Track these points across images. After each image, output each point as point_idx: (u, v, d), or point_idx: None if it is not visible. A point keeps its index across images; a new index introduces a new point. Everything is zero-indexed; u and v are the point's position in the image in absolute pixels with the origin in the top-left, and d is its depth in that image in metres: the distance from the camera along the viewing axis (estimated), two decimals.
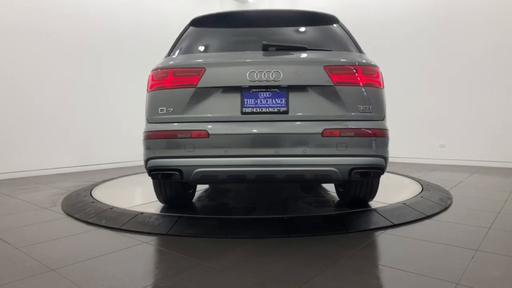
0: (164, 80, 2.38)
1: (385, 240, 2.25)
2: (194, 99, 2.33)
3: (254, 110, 2.28)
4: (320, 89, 2.29)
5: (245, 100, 2.29)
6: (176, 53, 2.61)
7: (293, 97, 2.29)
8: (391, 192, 3.68)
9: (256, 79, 2.27)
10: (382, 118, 2.36)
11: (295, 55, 2.39)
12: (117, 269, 1.83)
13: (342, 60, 2.37)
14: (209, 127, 2.28)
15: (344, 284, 1.65)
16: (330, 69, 2.28)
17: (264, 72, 2.27)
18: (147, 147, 2.39)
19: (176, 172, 2.31)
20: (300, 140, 2.24)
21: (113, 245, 2.22)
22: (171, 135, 2.30)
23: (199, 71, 2.33)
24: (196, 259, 1.96)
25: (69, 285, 1.65)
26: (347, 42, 2.61)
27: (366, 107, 2.30)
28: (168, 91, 2.37)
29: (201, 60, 2.42)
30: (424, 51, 6.71)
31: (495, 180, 4.70)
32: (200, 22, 2.78)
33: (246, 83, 2.28)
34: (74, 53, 5.78)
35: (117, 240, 2.32)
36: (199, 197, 3.46)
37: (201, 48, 2.63)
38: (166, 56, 2.65)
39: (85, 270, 1.82)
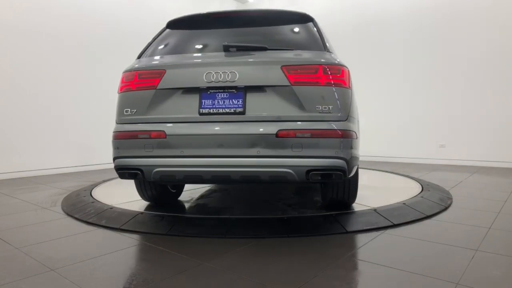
0: (130, 82, 2.45)
1: (385, 240, 2.25)
2: (155, 100, 2.37)
3: (211, 111, 2.29)
4: (277, 89, 2.25)
5: (203, 101, 2.31)
6: (146, 55, 2.65)
7: (251, 97, 2.28)
8: (391, 192, 3.68)
9: (213, 80, 2.27)
10: (344, 118, 2.24)
11: (252, 56, 2.36)
12: (117, 269, 1.84)
13: (300, 59, 2.31)
14: (166, 127, 2.32)
15: (344, 284, 1.64)
16: (288, 69, 2.24)
17: (221, 73, 2.27)
18: (114, 147, 2.45)
19: (138, 172, 2.36)
20: (254, 140, 2.20)
21: (113, 245, 2.22)
22: (133, 136, 2.36)
23: (160, 73, 2.37)
24: (196, 259, 1.96)
25: (69, 285, 1.65)
26: (316, 41, 2.51)
27: (325, 108, 2.22)
28: (133, 93, 2.43)
29: (162, 62, 2.46)
30: (424, 51, 6.71)
31: (495, 180, 4.70)
32: (175, 24, 2.79)
33: (203, 84, 2.29)
34: (74, 53, 5.78)
35: (117, 240, 2.32)
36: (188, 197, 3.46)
37: (169, 50, 2.63)
38: (136, 58, 2.68)
39: (85, 270, 1.82)
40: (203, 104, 2.30)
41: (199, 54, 2.54)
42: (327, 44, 2.51)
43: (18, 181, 4.84)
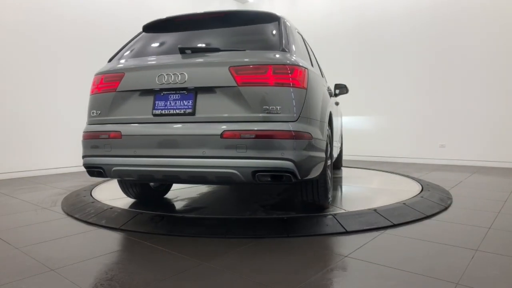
0: (97, 85, 2.58)
1: (385, 240, 2.25)
2: (115, 102, 2.48)
3: (163, 112, 2.34)
4: (225, 90, 2.25)
5: (156, 102, 2.37)
6: (116, 58, 2.72)
7: (201, 99, 2.30)
8: (391, 192, 3.68)
9: (164, 82, 2.32)
10: (294, 119, 2.18)
11: (203, 57, 2.38)
12: (117, 269, 1.83)
13: (249, 60, 2.28)
14: (122, 128, 2.41)
15: (344, 284, 1.65)
16: (236, 69, 2.23)
17: (172, 75, 2.32)
18: (83, 146, 2.58)
19: (100, 170, 2.47)
20: (200, 141, 2.22)
21: (113, 245, 2.23)
22: (96, 136, 2.48)
23: (120, 76, 2.48)
24: (196, 259, 1.96)
25: (69, 285, 1.65)
26: (274, 41, 2.46)
27: (273, 108, 2.17)
28: (98, 95, 2.56)
29: (122, 66, 2.55)
30: (424, 51, 6.71)
31: (495, 180, 4.70)
32: (149, 28, 2.86)
33: (156, 86, 2.35)
34: (74, 53, 5.78)
35: (117, 240, 2.32)
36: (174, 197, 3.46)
37: (135, 53, 2.69)
38: (108, 61, 2.76)
39: (85, 270, 1.82)
40: (156, 105, 2.36)
41: (156, 57, 2.58)
42: (287, 43, 2.43)
43: (18, 181, 4.84)
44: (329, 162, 2.97)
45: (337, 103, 4.24)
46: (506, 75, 5.94)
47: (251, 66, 2.24)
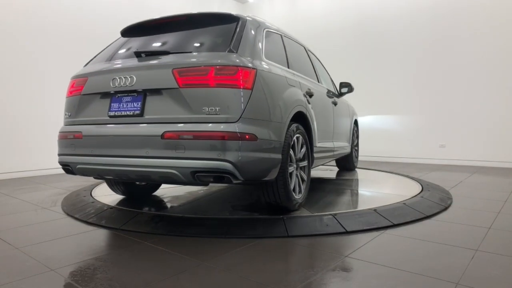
0: (69, 89, 2.78)
1: (385, 240, 2.25)
2: (80, 104, 2.66)
3: (117, 113, 2.46)
4: (169, 92, 2.30)
5: (112, 104, 2.49)
6: (90, 63, 2.89)
7: (150, 100, 2.37)
8: (391, 192, 3.68)
9: (116, 85, 2.44)
10: (235, 120, 2.19)
11: (150, 60, 2.45)
12: (117, 269, 1.84)
13: (192, 61, 2.32)
14: (83, 128, 2.58)
15: (344, 284, 1.65)
16: (179, 71, 2.28)
17: (123, 78, 2.43)
18: (57, 145, 2.77)
19: (69, 167, 2.66)
20: (144, 142, 2.30)
21: (113, 245, 2.23)
22: (65, 136, 2.68)
23: (84, 80, 2.65)
24: (196, 259, 1.96)
25: (69, 285, 1.65)
26: (227, 42, 2.46)
27: (212, 109, 2.19)
28: (69, 98, 2.76)
29: (87, 70, 2.72)
30: (424, 51, 6.72)
31: (495, 180, 4.70)
32: (124, 32, 3.01)
33: (111, 89, 2.48)
34: (74, 53, 5.78)
35: (117, 240, 2.32)
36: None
37: (103, 57, 2.83)
38: (84, 66, 2.93)
39: (85, 270, 1.82)
40: (112, 107, 2.49)
41: (113, 62, 2.69)
42: (237, 44, 2.43)
43: (18, 181, 4.85)
44: (305, 163, 2.96)
45: (335, 103, 4.09)
46: (506, 75, 5.94)
47: (192, 67, 2.28)
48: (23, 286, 1.65)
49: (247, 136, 2.20)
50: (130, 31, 2.96)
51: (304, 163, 2.97)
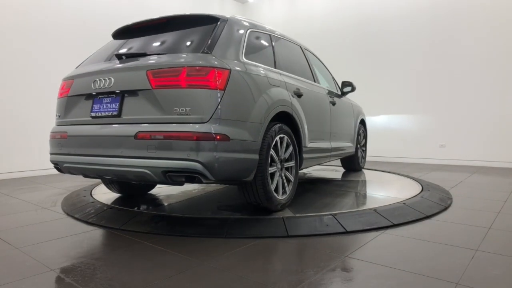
0: (59, 90, 2.89)
1: (385, 240, 2.25)
2: (68, 105, 2.76)
3: (97, 114, 2.55)
4: (144, 93, 2.35)
5: (94, 105, 2.58)
6: (79, 66, 2.97)
7: (127, 101, 2.43)
8: (391, 192, 3.69)
9: (97, 86, 2.53)
10: (205, 120, 2.20)
11: (127, 62, 2.51)
12: (117, 269, 1.84)
13: (164, 63, 2.34)
14: (68, 129, 2.69)
15: (344, 284, 1.65)
16: (153, 73, 2.32)
17: (102, 80, 2.51)
18: (49, 145, 2.88)
19: (58, 166, 2.78)
20: (119, 142, 2.36)
21: (113, 245, 2.23)
22: (55, 136, 2.79)
23: (71, 82, 2.76)
24: (196, 259, 1.96)
25: (69, 285, 1.65)
26: (203, 43, 2.48)
27: (183, 110, 2.21)
28: (59, 99, 2.87)
29: (73, 73, 2.82)
30: (424, 51, 6.72)
31: (495, 180, 4.70)
32: (114, 35, 3.09)
33: (92, 90, 2.57)
34: (74, 53, 5.77)
35: (117, 240, 2.32)
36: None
37: (91, 60, 2.92)
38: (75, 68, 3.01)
39: (85, 270, 1.82)
40: (93, 108, 2.58)
41: (97, 63, 2.77)
42: (213, 45, 2.45)
43: (18, 181, 4.85)
44: (292, 163, 2.94)
45: (333, 103, 3.98)
46: (506, 74, 5.94)
47: (165, 69, 2.30)
48: (23, 286, 1.65)
49: (218, 137, 2.21)
50: (120, 34, 3.03)
51: (291, 163, 2.94)
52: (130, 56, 2.57)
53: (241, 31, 2.75)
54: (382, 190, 3.86)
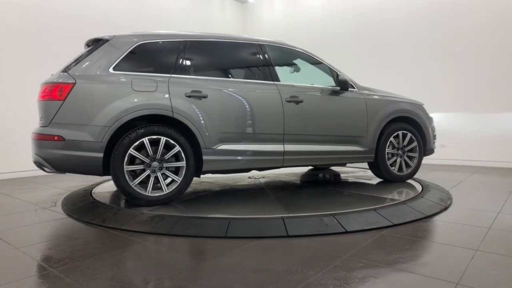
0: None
1: (385, 240, 2.25)
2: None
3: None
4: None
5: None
6: None
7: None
8: (391, 192, 3.68)
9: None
10: (45, 124, 2.85)
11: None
12: (117, 269, 1.84)
13: (47, 80, 3.00)
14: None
15: (344, 284, 1.65)
16: (45, 87, 2.96)
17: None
18: None
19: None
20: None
21: (113, 245, 2.23)
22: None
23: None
24: (196, 259, 1.96)
25: (69, 285, 1.66)
26: (71, 63, 3.09)
27: (41, 117, 2.97)
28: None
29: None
30: (424, 50, 6.71)
31: (495, 180, 4.70)
32: (86, 44, 3.46)
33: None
34: (73, 53, 5.77)
35: (117, 240, 2.32)
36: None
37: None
38: None
39: (85, 270, 1.82)
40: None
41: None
42: (72, 65, 3.00)
43: (18, 181, 4.85)
44: (182, 164, 2.99)
45: (297, 102, 3.43)
46: (507, 74, 5.94)
47: (44, 85, 2.97)
48: (23, 286, 1.65)
49: (55, 138, 2.78)
50: (87, 44, 3.41)
51: (178, 164, 2.99)
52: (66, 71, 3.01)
53: (121, 47, 3.06)
54: (382, 190, 3.86)
